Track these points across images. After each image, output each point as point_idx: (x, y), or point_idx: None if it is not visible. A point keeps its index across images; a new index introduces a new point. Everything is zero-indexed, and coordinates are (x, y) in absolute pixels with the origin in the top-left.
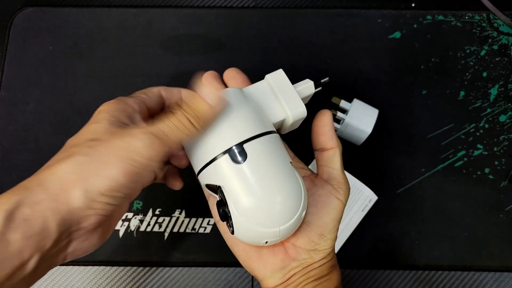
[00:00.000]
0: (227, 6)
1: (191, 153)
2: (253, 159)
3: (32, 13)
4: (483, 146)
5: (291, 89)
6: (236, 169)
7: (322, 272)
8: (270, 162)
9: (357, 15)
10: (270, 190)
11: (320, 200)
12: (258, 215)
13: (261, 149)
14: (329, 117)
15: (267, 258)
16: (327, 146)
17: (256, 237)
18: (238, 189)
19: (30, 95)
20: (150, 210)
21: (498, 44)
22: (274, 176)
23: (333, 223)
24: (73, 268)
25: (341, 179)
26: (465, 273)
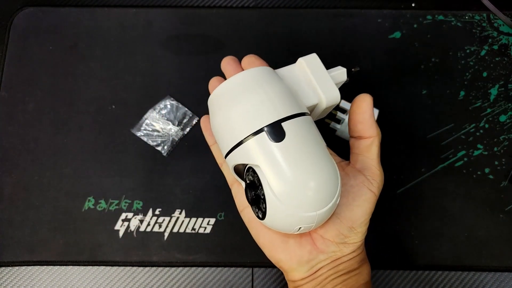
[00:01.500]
0: (227, 6)
1: (220, 130)
2: (292, 138)
3: (32, 13)
4: (483, 146)
5: (326, 74)
6: (274, 148)
7: (352, 266)
8: (309, 143)
9: (357, 15)
10: (310, 171)
11: (352, 191)
12: (296, 197)
13: (299, 129)
14: (369, 103)
15: (293, 249)
16: (366, 134)
17: (290, 222)
18: (276, 169)
19: (30, 95)
20: (150, 210)
21: (498, 44)
22: (313, 157)
23: (365, 216)
24: (73, 268)
25: (377, 170)
26: (465, 273)
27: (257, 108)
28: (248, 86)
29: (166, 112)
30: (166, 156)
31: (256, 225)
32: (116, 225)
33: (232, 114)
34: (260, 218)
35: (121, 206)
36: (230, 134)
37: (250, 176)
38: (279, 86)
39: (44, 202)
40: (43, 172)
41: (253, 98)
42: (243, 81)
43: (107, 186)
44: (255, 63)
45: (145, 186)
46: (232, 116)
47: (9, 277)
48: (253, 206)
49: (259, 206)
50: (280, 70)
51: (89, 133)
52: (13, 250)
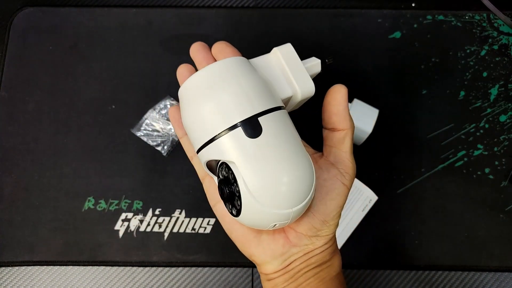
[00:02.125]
0: (227, 6)
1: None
2: (268, 134)
3: (32, 13)
4: (483, 146)
5: (301, 65)
6: (250, 144)
7: (324, 258)
8: (286, 139)
9: (357, 15)
10: (287, 168)
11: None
12: (272, 195)
13: (276, 124)
14: (344, 94)
15: (267, 243)
16: (339, 126)
17: (266, 219)
18: (252, 166)
19: (30, 95)
20: (150, 210)
21: (498, 44)
22: (289, 154)
23: (337, 209)
24: (73, 268)
25: (349, 163)
26: (465, 273)
27: (232, 102)
28: (221, 78)
29: (166, 112)
30: (166, 156)
31: (229, 220)
32: (116, 225)
33: (205, 108)
34: (234, 215)
35: (121, 206)
36: (202, 129)
37: (223, 171)
38: (254, 78)
39: (44, 202)
40: (43, 172)
41: (227, 92)
42: (216, 72)
43: (107, 186)
44: (226, 50)
45: (145, 186)
46: (205, 110)
47: (9, 277)
48: (227, 203)
49: (233, 203)
50: (254, 60)
51: (89, 133)
52: (13, 250)
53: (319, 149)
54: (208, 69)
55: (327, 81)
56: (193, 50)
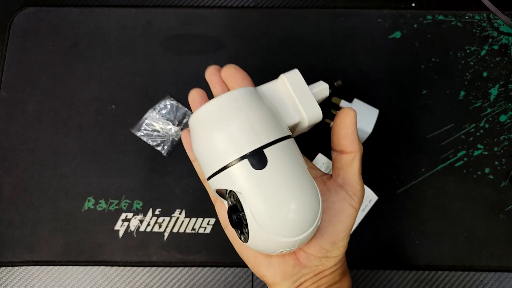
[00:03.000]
0: (227, 6)
1: (202, 154)
2: (274, 165)
3: (32, 13)
4: (483, 146)
5: (307, 91)
6: (256, 176)
7: (334, 279)
8: (291, 169)
9: (357, 15)
10: (292, 198)
11: (333, 207)
12: (278, 225)
13: (281, 155)
14: (353, 118)
15: (277, 264)
16: (348, 149)
17: (272, 247)
18: (258, 197)
19: (30, 95)
20: (150, 210)
21: (498, 44)
22: (295, 183)
23: (346, 231)
24: (73, 268)
25: (358, 186)
26: (465, 273)
27: (239, 134)
28: (229, 111)
29: (166, 112)
30: (166, 156)
31: (239, 242)
32: (116, 225)
33: (214, 139)
34: (243, 241)
35: (121, 206)
36: (211, 159)
37: (232, 199)
38: (260, 110)
39: (44, 202)
40: (43, 172)
41: (234, 124)
42: (225, 104)
43: (107, 186)
44: (235, 75)
45: (145, 186)
46: (214, 142)
47: (9, 277)
48: (236, 229)
49: (242, 229)
50: (261, 87)
51: (89, 133)
52: (13, 250)
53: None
54: (216, 101)
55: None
56: (208, 73)
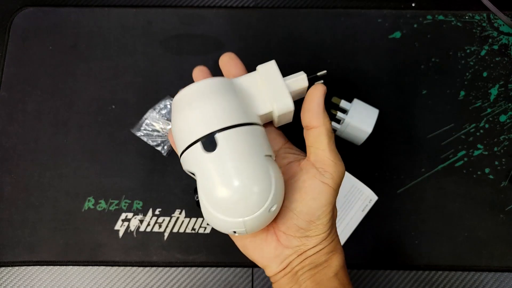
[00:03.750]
0: (227, 6)
1: (175, 138)
2: (223, 149)
3: (32, 13)
4: (483, 146)
5: (280, 82)
6: (206, 158)
7: (319, 259)
8: (240, 154)
9: (357, 15)
10: (236, 182)
11: (303, 186)
12: (222, 204)
13: (232, 140)
14: (319, 91)
15: (261, 246)
16: (312, 123)
17: (222, 226)
18: (205, 177)
19: (30, 95)
20: (150, 210)
21: (498, 44)
22: (242, 167)
23: (322, 209)
24: (73, 268)
25: (327, 160)
26: (465, 273)
27: (198, 119)
28: (196, 98)
29: (166, 112)
30: (166, 156)
31: None
32: (116, 225)
33: (179, 123)
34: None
35: (121, 206)
36: (178, 141)
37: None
38: (223, 98)
39: (44, 202)
40: (43, 172)
41: (197, 109)
42: (194, 91)
43: (107, 186)
44: (230, 63)
45: (145, 186)
46: (179, 125)
47: (9, 277)
48: (198, 207)
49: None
50: (238, 78)
51: (89, 133)
52: (13, 250)
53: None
54: (189, 88)
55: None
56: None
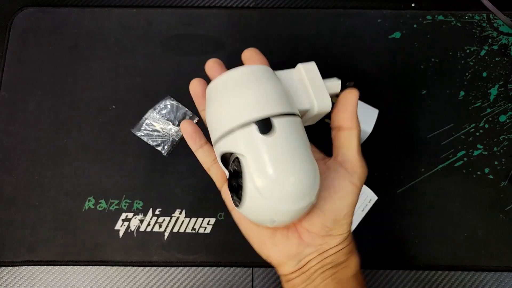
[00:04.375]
0: (227, 6)
1: (215, 117)
2: (279, 134)
3: (32, 13)
4: (483, 146)
5: (321, 82)
6: (262, 140)
7: (339, 259)
8: (294, 142)
9: (357, 15)
10: (291, 168)
11: (332, 185)
12: (275, 190)
13: (287, 127)
14: (355, 96)
15: (281, 243)
16: (346, 124)
17: (265, 213)
18: (259, 160)
19: (30, 95)
20: (150, 210)
21: (498, 44)
22: (296, 156)
23: (348, 208)
24: (73, 268)
25: (356, 162)
26: (465, 273)
27: (252, 101)
28: (247, 80)
29: (166, 112)
30: (166, 156)
31: (245, 222)
32: (116, 225)
33: (228, 103)
34: (237, 206)
35: (121, 206)
36: (222, 122)
37: (235, 166)
38: (275, 85)
39: (44, 202)
40: (43, 172)
41: (250, 91)
42: (244, 74)
43: (107, 186)
44: (254, 57)
45: (145, 186)
46: (228, 105)
47: (9, 277)
48: (233, 193)
49: (238, 194)
50: (278, 72)
51: (89, 133)
52: (13, 250)
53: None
54: (235, 71)
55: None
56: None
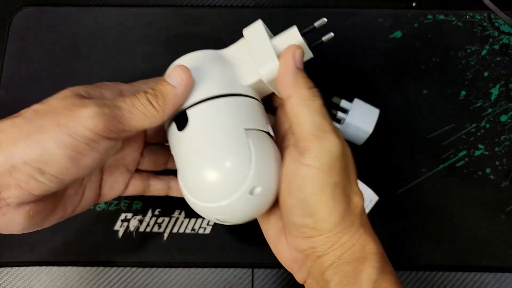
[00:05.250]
0: (227, 6)
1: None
2: (193, 126)
3: (31, 12)
4: (484, 146)
5: (266, 42)
6: (178, 137)
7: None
8: (211, 129)
9: (357, 14)
10: (206, 159)
11: (287, 174)
12: (195, 188)
13: (204, 115)
14: (291, 53)
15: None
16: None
17: (203, 213)
18: (179, 159)
19: (30, 95)
20: (150, 211)
21: (499, 44)
22: (211, 143)
23: (314, 197)
24: (73, 269)
25: (308, 136)
26: (465, 273)
27: None
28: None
29: None
30: None
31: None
32: (116, 226)
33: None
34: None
35: (120, 206)
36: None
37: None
38: (199, 72)
39: None
40: None
41: None
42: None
43: None
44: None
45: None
46: None
47: (9, 277)
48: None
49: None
50: (227, 49)
51: None
52: (13, 250)
53: None
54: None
55: (327, 80)
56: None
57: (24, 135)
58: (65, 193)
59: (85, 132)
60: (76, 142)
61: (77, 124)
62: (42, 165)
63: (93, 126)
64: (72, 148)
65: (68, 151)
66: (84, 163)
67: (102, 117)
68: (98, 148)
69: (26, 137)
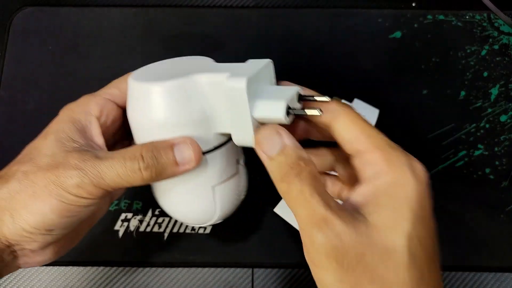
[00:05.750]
0: (227, 6)
1: None
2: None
3: (31, 13)
4: (483, 146)
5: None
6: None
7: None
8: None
9: (357, 14)
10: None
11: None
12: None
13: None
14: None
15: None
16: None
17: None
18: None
19: (30, 95)
20: (150, 211)
21: (499, 44)
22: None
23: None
24: (73, 269)
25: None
26: (465, 273)
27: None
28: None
29: None
30: None
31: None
32: (116, 225)
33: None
34: None
35: (120, 206)
36: None
37: None
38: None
39: None
40: None
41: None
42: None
43: None
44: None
45: (144, 186)
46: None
47: (9, 277)
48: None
49: None
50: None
51: None
52: None
53: None
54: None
55: (327, 80)
56: None
57: (23, 203)
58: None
59: (74, 199)
60: (68, 207)
61: (65, 193)
62: (47, 227)
63: (79, 194)
64: (66, 210)
65: (64, 213)
66: (80, 216)
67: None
68: (93, 203)
69: (26, 206)
